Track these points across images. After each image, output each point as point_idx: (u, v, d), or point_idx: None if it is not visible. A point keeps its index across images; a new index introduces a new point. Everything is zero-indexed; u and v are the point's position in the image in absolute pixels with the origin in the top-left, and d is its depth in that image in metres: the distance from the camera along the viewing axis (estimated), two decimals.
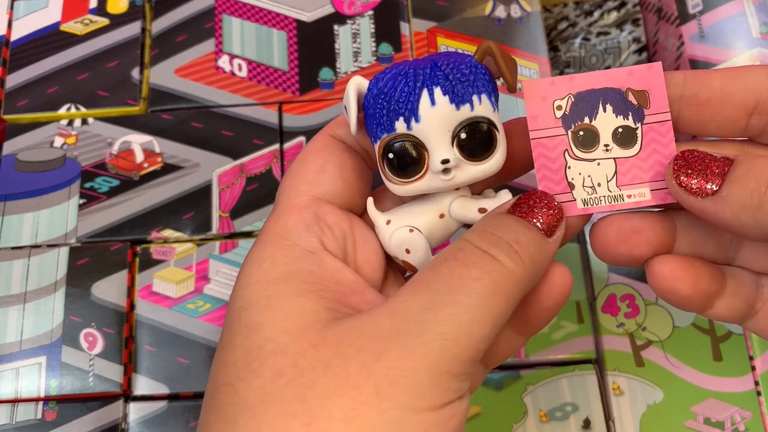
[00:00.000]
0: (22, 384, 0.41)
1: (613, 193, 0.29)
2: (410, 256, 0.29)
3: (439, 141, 0.27)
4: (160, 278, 0.43)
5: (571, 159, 0.29)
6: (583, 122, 0.28)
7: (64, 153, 0.46)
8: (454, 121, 0.27)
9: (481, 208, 0.28)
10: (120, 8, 0.49)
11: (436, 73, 0.27)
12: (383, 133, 0.27)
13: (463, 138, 0.27)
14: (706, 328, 0.41)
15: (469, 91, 0.27)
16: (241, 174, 0.45)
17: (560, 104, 0.28)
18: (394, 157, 0.27)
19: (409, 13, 0.49)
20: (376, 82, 0.27)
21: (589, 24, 0.52)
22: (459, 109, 0.27)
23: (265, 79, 0.47)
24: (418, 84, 0.26)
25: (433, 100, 0.26)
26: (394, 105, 0.27)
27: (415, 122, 0.27)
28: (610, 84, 0.29)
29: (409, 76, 0.27)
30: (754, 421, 0.39)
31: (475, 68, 0.27)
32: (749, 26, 0.45)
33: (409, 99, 0.26)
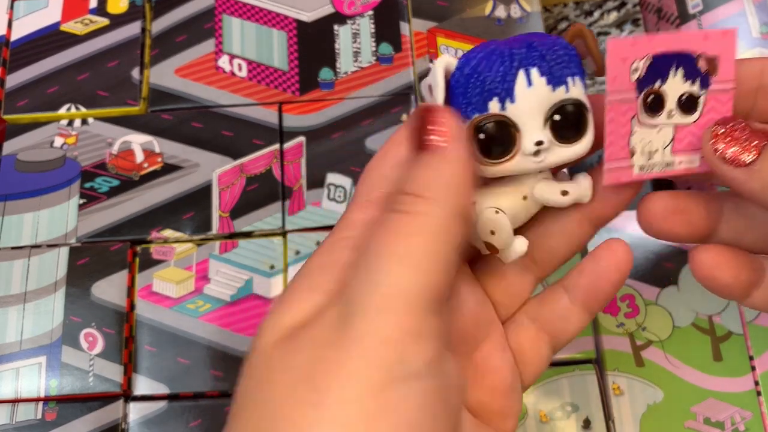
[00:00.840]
0: (22, 384, 0.41)
1: (666, 159, 0.28)
2: (495, 237, 0.28)
3: (533, 122, 0.27)
4: (160, 278, 0.43)
5: (637, 125, 0.28)
6: (654, 86, 0.28)
7: (64, 153, 0.46)
8: (548, 103, 0.27)
9: (564, 190, 0.28)
10: (120, 8, 0.49)
11: (532, 54, 0.26)
12: (474, 113, 0.27)
13: (556, 120, 0.27)
14: (706, 328, 0.41)
15: (565, 73, 0.27)
16: (241, 174, 0.45)
17: (638, 66, 0.28)
18: (485, 137, 0.27)
19: (409, 13, 0.49)
20: (468, 61, 0.27)
21: (589, 24, 0.52)
22: (555, 90, 0.27)
23: (265, 79, 0.47)
24: (515, 64, 0.26)
25: (530, 81, 0.26)
26: (490, 85, 0.26)
27: (510, 103, 0.26)
28: (685, 47, 0.28)
29: (505, 55, 0.26)
30: (754, 421, 0.39)
31: (568, 49, 0.27)
32: (749, 26, 0.45)
33: (505, 79, 0.26)
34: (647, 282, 0.42)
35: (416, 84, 0.47)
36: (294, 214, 0.44)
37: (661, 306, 0.42)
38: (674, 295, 0.42)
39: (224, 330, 0.42)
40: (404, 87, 0.47)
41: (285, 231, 0.44)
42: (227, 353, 0.42)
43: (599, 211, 0.30)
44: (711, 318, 0.41)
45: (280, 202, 0.44)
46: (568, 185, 0.29)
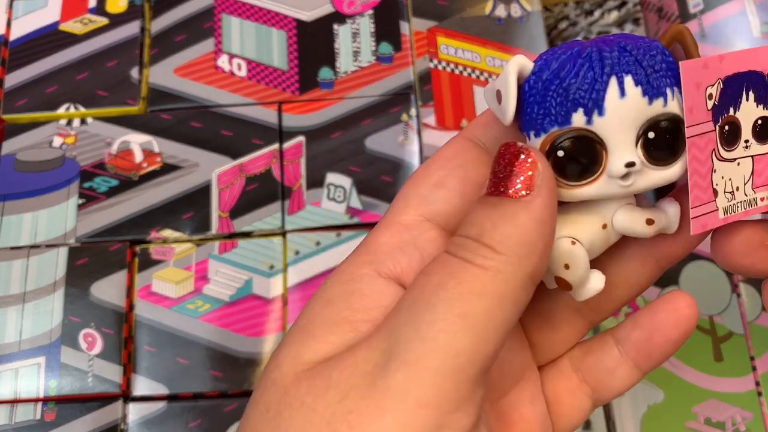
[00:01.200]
0: (21, 384, 0.41)
1: (748, 197, 0.25)
2: (568, 272, 0.25)
3: (623, 140, 0.23)
4: (159, 278, 0.43)
5: (717, 161, 0.24)
6: (729, 114, 0.24)
7: (63, 153, 0.46)
8: (643, 118, 0.23)
9: (649, 219, 0.25)
10: (119, 7, 0.49)
11: (626, 58, 0.23)
12: (553, 126, 0.23)
13: (651, 138, 0.23)
14: (707, 329, 0.41)
15: (664, 83, 0.23)
16: (240, 174, 0.45)
17: (711, 92, 0.24)
18: (566, 155, 0.23)
19: (409, 13, 0.48)
20: (548, 63, 0.23)
21: (589, 23, 0.52)
22: (651, 103, 0.23)
23: (265, 79, 0.47)
24: (605, 70, 0.22)
25: (623, 91, 0.22)
26: (575, 93, 0.23)
27: (598, 116, 0.23)
28: (754, 66, 0.24)
29: (594, 59, 0.23)
30: (755, 421, 0.39)
31: (665, 55, 0.23)
32: (750, 25, 0.45)
33: (594, 87, 0.22)
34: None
35: (416, 84, 0.47)
36: (293, 214, 0.44)
37: None
38: None
39: (224, 330, 0.42)
40: (404, 86, 0.47)
41: (284, 231, 0.44)
42: (227, 354, 0.41)
43: (668, 249, 0.26)
44: (712, 318, 0.41)
45: (280, 202, 0.44)
46: (653, 213, 0.25)
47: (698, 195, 0.24)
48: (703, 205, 0.24)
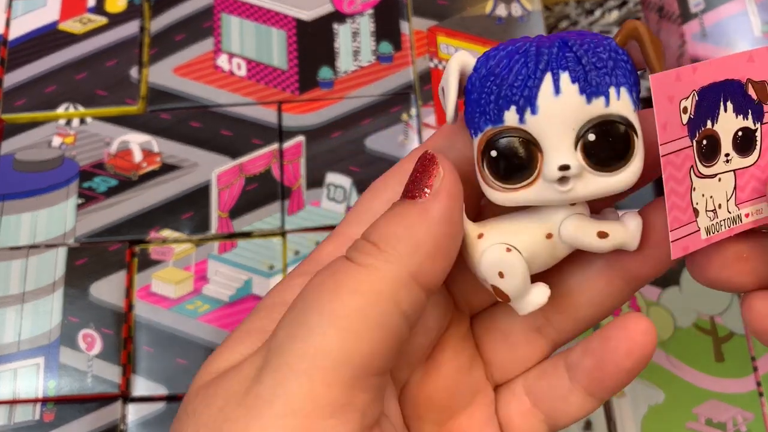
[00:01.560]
0: (20, 385, 0.41)
1: (732, 214, 0.23)
2: (503, 281, 0.23)
3: (559, 141, 0.21)
4: (158, 279, 0.43)
5: (696, 178, 0.22)
6: (706, 127, 0.22)
7: (62, 152, 0.46)
8: (581, 118, 0.21)
9: (601, 231, 0.23)
10: (118, 7, 0.49)
11: (564, 54, 0.21)
12: (487, 125, 0.22)
13: (591, 140, 0.21)
14: (708, 329, 0.41)
15: (606, 81, 0.21)
16: (240, 174, 0.45)
17: (686, 105, 0.22)
18: (498, 156, 0.22)
19: (409, 12, 0.48)
20: (486, 60, 0.22)
21: (590, 23, 0.51)
22: (590, 102, 0.21)
23: (265, 78, 0.47)
24: (540, 66, 0.21)
25: (558, 88, 0.21)
26: (506, 90, 0.21)
27: (530, 114, 0.21)
28: (730, 74, 0.22)
29: (530, 54, 0.21)
30: (756, 422, 0.39)
31: (616, 53, 0.22)
32: (751, 25, 0.45)
33: (527, 84, 0.21)
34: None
35: (416, 83, 0.47)
36: (293, 214, 0.44)
37: (663, 306, 0.41)
38: (676, 295, 0.41)
39: (223, 331, 0.42)
40: (404, 86, 0.46)
41: (284, 231, 0.44)
42: None
43: (636, 269, 0.25)
44: (713, 318, 0.41)
45: (280, 202, 0.44)
46: (608, 226, 0.23)
47: (677, 216, 0.22)
48: (684, 226, 0.22)
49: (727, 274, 0.24)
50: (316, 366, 0.20)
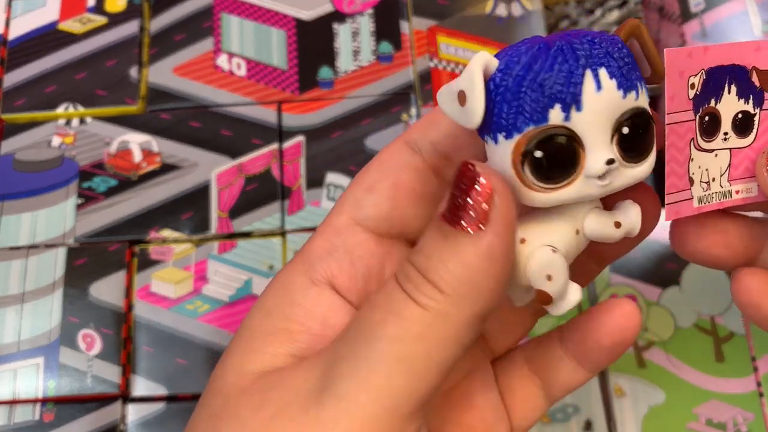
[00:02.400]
0: (19, 385, 0.41)
1: (723, 188, 0.25)
2: (550, 284, 0.23)
3: (601, 137, 0.21)
4: (158, 279, 0.43)
5: (695, 150, 0.24)
6: (710, 105, 0.24)
7: (61, 152, 0.46)
8: (618, 112, 0.21)
9: (617, 222, 0.23)
10: (118, 6, 0.49)
11: (597, 51, 0.21)
12: (528, 125, 0.21)
13: (625, 134, 0.22)
14: (708, 329, 0.41)
15: (635, 76, 0.22)
16: (240, 174, 0.45)
17: (694, 82, 0.23)
18: (544, 156, 0.21)
19: (409, 12, 0.48)
20: (516, 59, 0.22)
21: (590, 23, 0.51)
22: (626, 96, 0.21)
23: (264, 78, 0.47)
24: (581, 62, 0.21)
25: (600, 84, 0.21)
26: (551, 88, 0.21)
27: (576, 111, 0.21)
28: (738, 60, 0.24)
29: (566, 51, 0.21)
30: (756, 422, 0.39)
31: (628, 51, 0.22)
32: (751, 25, 0.45)
33: (571, 81, 0.21)
34: (649, 282, 0.42)
35: (416, 83, 0.47)
36: (293, 214, 0.44)
37: (663, 306, 0.41)
38: (676, 295, 0.41)
39: (223, 331, 0.42)
40: (404, 86, 0.46)
41: (284, 231, 0.44)
42: None
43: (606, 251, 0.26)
44: (713, 318, 0.41)
45: (279, 202, 0.44)
46: (619, 215, 0.24)
47: (674, 182, 0.24)
48: (679, 192, 0.24)
49: (704, 244, 0.25)
50: (380, 403, 0.21)
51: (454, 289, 0.21)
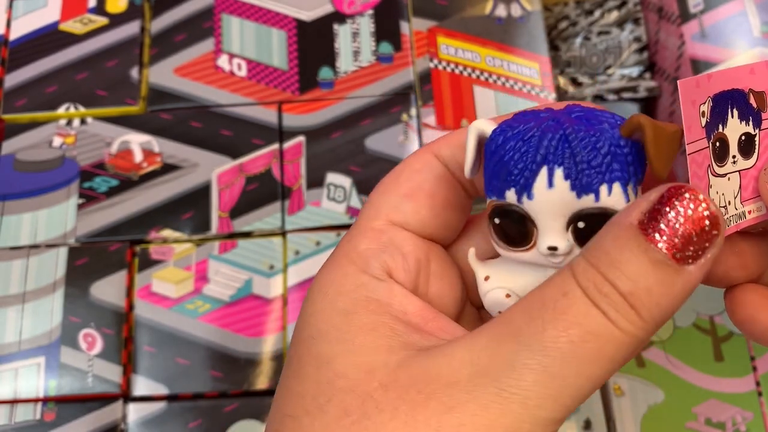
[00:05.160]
0: (20, 384, 0.41)
1: (738, 210, 0.25)
2: None
3: (551, 224, 0.23)
4: (159, 278, 0.43)
5: (712, 176, 0.24)
6: (719, 131, 0.24)
7: (62, 153, 0.46)
8: (571, 209, 0.23)
9: None
10: (119, 7, 0.49)
11: (563, 149, 0.23)
12: (492, 195, 0.24)
13: (580, 227, 0.23)
14: (708, 329, 0.41)
15: (598, 180, 0.23)
16: (240, 174, 0.45)
17: (704, 110, 0.24)
18: (500, 224, 0.24)
19: (409, 12, 0.48)
20: (497, 136, 0.24)
21: (589, 23, 0.51)
22: (580, 197, 0.23)
23: (265, 79, 0.47)
24: (537, 158, 0.23)
25: (551, 182, 0.23)
26: (508, 174, 0.23)
27: (527, 198, 0.23)
28: (736, 84, 0.25)
29: (532, 144, 0.23)
30: (755, 421, 0.39)
31: (617, 147, 0.23)
32: (750, 25, 0.45)
33: (523, 174, 0.23)
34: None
35: (416, 83, 0.47)
36: (293, 214, 0.44)
37: None
38: None
39: (223, 330, 0.42)
40: (404, 86, 0.47)
41: (284, 231, 0.44)
42: (227, 354, 0.41)
43: None
44: (712, 318, 0.41)
45: (280, 202, 0.44)
46: None
47: None
48: None
49: (723, 269, 0.25)
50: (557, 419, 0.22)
51: (654, 319, 0.21)
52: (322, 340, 0.25)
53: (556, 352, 0.21)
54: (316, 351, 0.25)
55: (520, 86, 0.46)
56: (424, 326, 0.25)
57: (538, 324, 0.22)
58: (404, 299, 0.25)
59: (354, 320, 0.24)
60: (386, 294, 0.25)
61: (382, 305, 0.25)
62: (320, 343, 0.25)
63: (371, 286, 0.25)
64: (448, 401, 0.22)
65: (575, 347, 0.21)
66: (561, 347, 0.21)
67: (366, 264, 0.25)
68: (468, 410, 0.22)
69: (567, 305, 0.22)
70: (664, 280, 0.21)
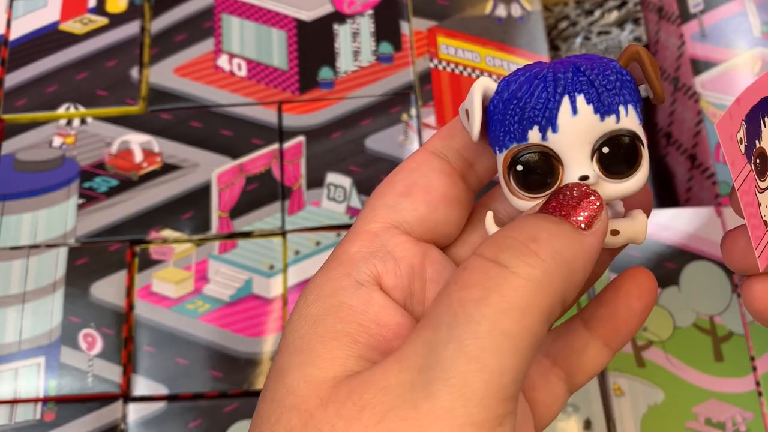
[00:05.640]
0: (20, 384, 0.41)
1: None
2: None
3: (578, 155, 0.24)
4: (159, 278, 0.43)
5: (759, 194, 0.25)
6: (756, 147, 0.25)
7: (62, 153, 0.46)
8: (596, 134, 0.24)
9: (614, 230, 0.25)
10: (119, 7, 0.49)
11: (579, 78, 0.24)
12: (512, 143, 0.24)
13: (605, 152, 0.24)
14: (707, 329, 0.41)
15: (616, 101, 0.24)
16: (240, 174, 0.45)
17: (740, 136, 0.25)
18: (524, 169, 0.24)
19: (409, 12, 0.48)
20: (508, 85, 0.25)
21: (589, 23, 0.51)
22: (603, 120, 0.24)
23: (265, 79, 0.47)
24: (558, 90, 0.24)
25: (575, 109, 0.24)
26: (530, 112, 0.24)
27: (552, 132, 0.24)
28: (762, 93, 0.25)
29: (548, 79, 0.24)
30: (755, 421, 0.39)
31: (621, 74, 0.24)
32: (750, 25, 0.45)
33: (547, 106, 0.24)
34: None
35: (416, 83, 0.47)
36: (293, 214, 0.44)
37: (662, 306, 0.41)
38: (675, 295, 0.42)
39: (223, 330, 0.42)
40: (404, 86, 0.47)
41: (284, 231, 0.44)
42: (226, 354, 0.41)
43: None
44: (712, 318, 0.41)
45: (280, 202, 0.44)
46: (619, 223, 0.25)
47: (757, 235, 0.25)
48: (762, 239, 0.25)
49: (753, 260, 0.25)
50: (493, 385, 0.21)
51: (555, 261, 0.22)
52: (285, 351, 0.24)
53: (463, 317, 0.21)
54: (279, 364, 0.24)
55: None
56: (393, 342, 0.24)
57: (445, 302, 0.22)
58: (381, 310, 0.24)
59: (319, 328, 0.24)
60: (363, 301, 0.24)
61: (355, 312, 0.24)
62: (283, 354, 0.24)
63: (350, 291, 0.24)
64: (380, 409, 0.21)
65: (480, 305, 0.21)
66: (467, 311, 0.21)
67: (353, 267, 0.25)
68: (399, 416, 0.21)
69: (468, 273, 0.22)
70: (565, 232, 0.23)
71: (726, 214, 0.43)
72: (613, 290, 0.27)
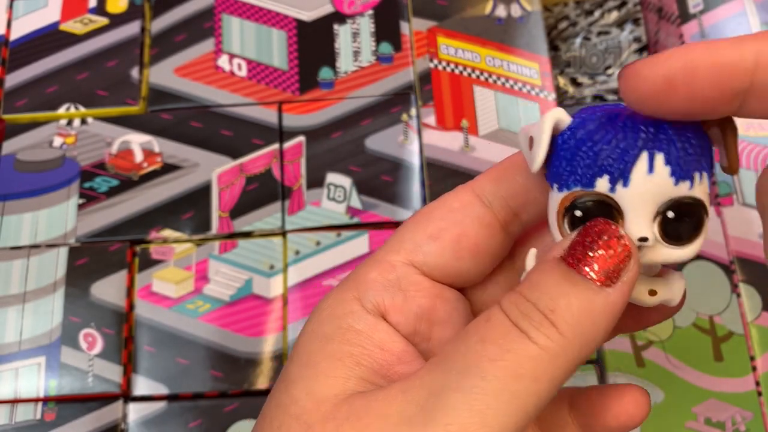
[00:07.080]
0: (21, 384, 0.41)
1: None
2: None
3: (641, 213, 0.23)
4: (159, 278, 0.43)
5: None
6: None
7: (63, 153, 0.46)
8: (665, 196, 0.23)
9: (652, 290, 0.24)
10: (119, 7, 0.49)
11: (661, 135, 0.22)
12: (576, 186, 0.23)
13: (669, 217, 0.23)
14: (707, 329, 0.41)
15: (693, 167, 0.23)
16: (240, 174, 0.45)
17: None
18: (582, 216, 0.23)
19: (409, 13, 0.48)
20: (584, 123, 0.23)
21: (589, 23, 0.52)
22: (677, 184, 0.22)
23: (265, 79, 0.47)
24: (638, 143, 0.22)
25: (652, 167, 0.22)
26: (605, 160, 0.22)
27: (622, 186, 0.22)
28: None
29: (628, 129, 0.22)
30: (755, 421, 0.39)
31: (703, 140, 0.23)
32: (750, 25, 0.45)
33: (624, 158, 0.22)
34: None
35: (416, 84, 0.47)
36: (294, 214, 0.44)
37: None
38: None
39: (224, 330, 0.42)
40: (404, 87, 0.47)
41: (285, 231, 0.44)
42: (227, 354, 0.41)
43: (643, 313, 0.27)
44: (712, 318, 0.41)
45: (280, 202, 0.44)
46: (657, 283, 0.25)
47: None
48: None
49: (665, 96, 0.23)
50: None
51: (573, 333, 0.22)
52: (295, 362, 0.25)
53: (476, 370, 0.21)
54: (287, 372, 0.25)
55: (519, 86, 0.47)
56: (396, 368, 0.25)
57: (462, 349, 0.22)
58: (386, 336, 0.25)
59: (327, 347, 0.25)
60: (369, 326, 0.25)
61: (361, 336, 0.25)
62: (293, 364, 0.25)
63: (358, 315, 0.25)
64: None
65: (494, 365, 0.21)
66: (481, 366, 0.21)
67: (365, 293, 0.25)
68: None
69: (488, 328, 0.22)
70: (584, 297, 0.22)
71: (726, 214, 0.43)
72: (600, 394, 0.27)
